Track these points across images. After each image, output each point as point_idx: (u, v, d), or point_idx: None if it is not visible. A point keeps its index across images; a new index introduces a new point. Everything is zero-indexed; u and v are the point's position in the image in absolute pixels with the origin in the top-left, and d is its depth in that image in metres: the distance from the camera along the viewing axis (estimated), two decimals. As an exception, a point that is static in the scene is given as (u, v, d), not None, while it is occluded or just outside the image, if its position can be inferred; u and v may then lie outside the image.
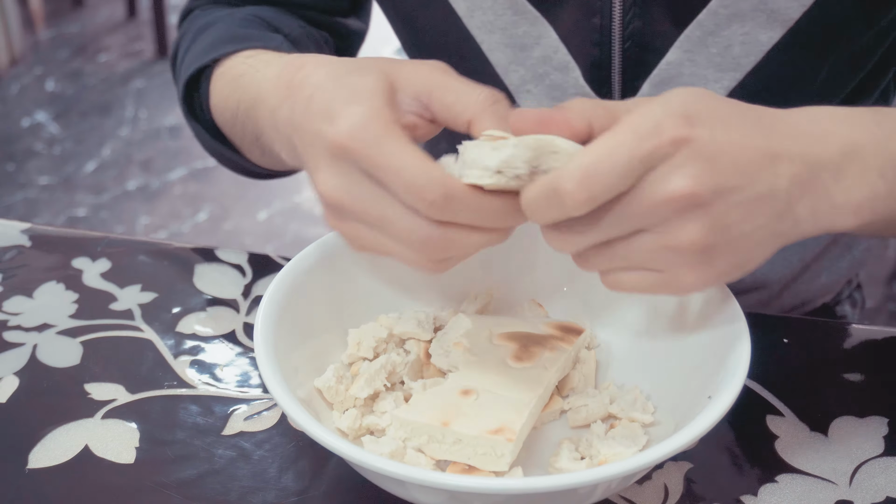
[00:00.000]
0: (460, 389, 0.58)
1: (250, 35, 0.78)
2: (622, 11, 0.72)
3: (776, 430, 0.64)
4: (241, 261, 0.81)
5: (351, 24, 0.89)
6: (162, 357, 0.71)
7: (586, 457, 0.58)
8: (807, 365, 0.70)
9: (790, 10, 0.70)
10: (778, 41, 0.71)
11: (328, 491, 0.60)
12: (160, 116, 3.12)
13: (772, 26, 0.71)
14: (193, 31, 0.83)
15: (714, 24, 0.72)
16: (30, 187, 2.75)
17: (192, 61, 0.79)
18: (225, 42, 0.77)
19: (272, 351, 0.57)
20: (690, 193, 0.49)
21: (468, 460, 0.55)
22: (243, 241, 2.51)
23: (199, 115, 0.82)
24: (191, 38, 0.83)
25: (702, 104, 0.50)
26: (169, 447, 0.63)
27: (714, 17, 0.71)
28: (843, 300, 0.97)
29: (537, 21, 0.75)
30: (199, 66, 0.78)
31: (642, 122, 0.49)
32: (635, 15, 0.72)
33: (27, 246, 0.84)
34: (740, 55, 0.73)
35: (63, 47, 3.61)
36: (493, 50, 0.77)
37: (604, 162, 0.48)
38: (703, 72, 0.74)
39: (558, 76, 0.77)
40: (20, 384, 0.69)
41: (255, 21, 0.81)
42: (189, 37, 0.83)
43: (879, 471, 0.61)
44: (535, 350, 0.61)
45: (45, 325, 0.75)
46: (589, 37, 0.74)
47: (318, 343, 0.64)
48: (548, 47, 0.76)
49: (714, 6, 0.71)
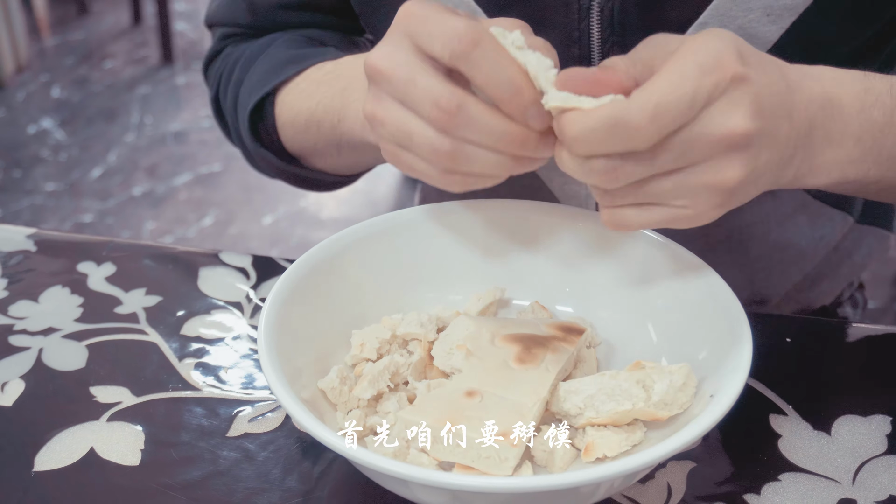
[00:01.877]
0: (464, 391, 0.58)
1: (307, 54, 0.80)
2: (600, 42, 0.73)
3: (779, 429, 0.64)
4: (245, 264, 0.82)
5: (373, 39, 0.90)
6: (167, 360, 0.72)
7: (575, 438, 0.58)
8: (809, 364, 0.70)
9: (769, 33, 0.70)
10: None
11: (332, 492, 0.61)
12: (165, 122, 3.12)
13: None
14: (241, 64, 0.84)
15: None
16: (36, 194, 2.76)
17: (252, 89, 0.81)
18: (285, 65, 0.79)
19: (276, 353, 0.58)
20: (745, 132, 0.51)
21: (472, 463, 0.55)
22: (249, 246, 2.52)
23: (264, 142, 0.83)
24: (240, 70, 0.84)
25: (745, 45, 0.53)
26: (174, 449, 0.64)
27: None
28: (844, 302, 0.97)
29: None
30: (266, 92, 0.79)
31: (705, 56, 0.51)
32: (614, 44, 0.73)
33: (32, 251, 0.84)
34: None
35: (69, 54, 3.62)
36: None
37: (673, 94, 0.50)
38: None
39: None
40: (26, 388, 0.69)
41: (303, 41, 0.83)
42: (236, 70, 0.85)
43: (882, 469, 0.61)
44: (538, 352, 0.61)
45: (50, 328, 0.75)
46: (568, 67, 0.75)
47: (322, 345, 0.64)
48: None
49: (692, 34, 0.71)
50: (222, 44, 0.90)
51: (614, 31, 0.72)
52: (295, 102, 0.78)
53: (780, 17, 0.69)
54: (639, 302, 0.66)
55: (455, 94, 0.54)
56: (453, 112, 0.54)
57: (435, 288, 0.70)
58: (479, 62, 0.53)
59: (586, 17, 0.72)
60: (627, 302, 0.67)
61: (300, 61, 0.79)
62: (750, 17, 0.69)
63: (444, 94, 0.54)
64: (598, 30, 0.72)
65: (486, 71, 0.54)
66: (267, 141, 0.83)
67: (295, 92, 0.79)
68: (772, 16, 0.69)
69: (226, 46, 0.89)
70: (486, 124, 0.54)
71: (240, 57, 0.85)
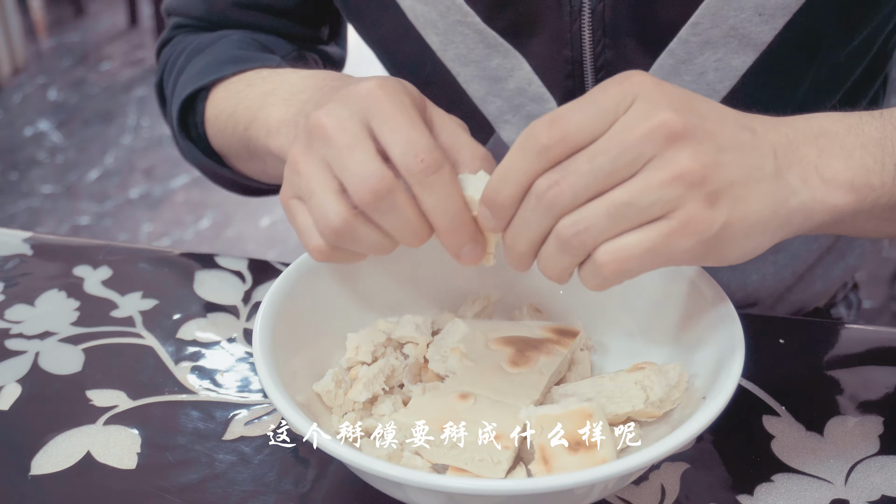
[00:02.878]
0: (458, 394, 0.58)
1: (251, 56, 0.79)
2: (592, 43, 0.73)
3: (772, 430, 0.64)
4: (241, 267, 0.82)
5: (331, 51, 0.91)
6: (163, 363, 0.72)
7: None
8: (802, 365, 0.71)
9: (762, 34, 0.70)
10: (751, 65, 0.72)
11: (328, 495, 0.61)
12: (162, 124, 3.13)
13: (744, 51, 0.71)
14: (185, 54, 0.84)
15: (686, 52, 0.72)
16: (33, 196, 2.76)
17: (189, 82, 0.80)
18: (226, 63, 0.79)
19: (271, 356, 0.58)
20: (674, 122, 0.48)
21: (465, 465, 0.55)
22: (245, 248, 2.52)
23: (192, 134, 0.83)
24: (183, 60, 0.84)
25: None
26: (170, 452, 0.64)
27: (685, 45, 0.71)
28: (839, 303, 0.97)
29: (509, 53, 0.75)
30: (199, 86, 0.79)
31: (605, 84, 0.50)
32: (605, 46, 0.73)
33: (29, 254, 0.85)
34: (715, 81, 0.73)
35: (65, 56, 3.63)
36: (469, 82, 0.78)
37: (572, 107, 0.49)
38: None
39: (534, 107, 0.77)
40: (22, 391, 0.69)
41: (252, 43, 0.83)
42: (180, 60, 0.85)
43: (875, 469, 0.61)
44: (531, 354, 0.61)
45: (46, 332, 0.75)
46: (562, 69, 0.75)
47: (317, 348, 0.64)
48: (522, 79, 0.76)
49: (684, 35, 0.71)
50: (174, 32, 0.90)
51: (606, 32, 0.72)
52: (222, 101, 0.78)
53: (773, 17, 0.69)
54: (632, 304, 0.67)
55: (387, 177, 0.53)
56: (381, 195, 0.53)
57: (429, 291, 0.70)
58: (431, 188, 0.53)
59: (578, 18, 0.72)
60: (620, 304, 0.67)
61: (241, 62, 0.78)
62: (742, 17, 0.69)
63: (377, 174, 0.53)
64: (589, 31, 0.72)
65: (434, 203, 0.54)
66: (194, 135, 0.83)
67: (226, 91, 0.78)
68: (764, 15, 0.69)
69: (177, 35, 0.90)
70: (406, 217, 0.54)
71: (186, 47, 0.85)
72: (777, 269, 0.86)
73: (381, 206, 0.54)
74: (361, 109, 0.55)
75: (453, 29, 0.75)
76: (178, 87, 0.82)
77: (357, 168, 0.54)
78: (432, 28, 0.76)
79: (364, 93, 0.55)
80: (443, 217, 0.54)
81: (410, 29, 0.77)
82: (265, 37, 0.85)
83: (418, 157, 0.53)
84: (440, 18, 0.75)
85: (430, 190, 0.53)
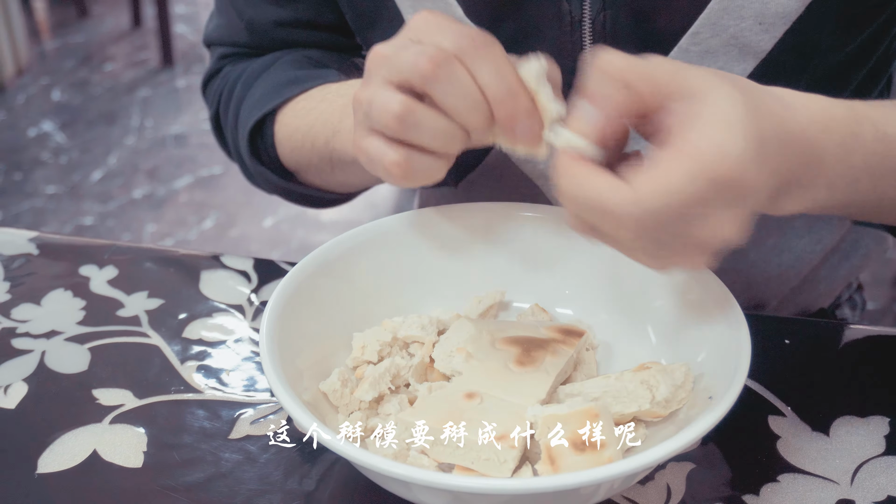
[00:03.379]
0: (464, 393, 0.58)
1: (310, 75, 0.80)
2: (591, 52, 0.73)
3: (777, 430, 0.64)
4: (247, 267, 0.82)
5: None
6: (169, 362, 0.72)
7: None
8: (808, 365, 0.71)
9: (762, 42, 0.70)
10: (751, 72, 0.72)
11: (333, 494, 0.61)
12: (166, 125, 3.13)
13: (744, 59, 0.71)
14: (242, 83, 0.85)
15: (686, 61, 0.72)
16: (37, 197, 2.76)
17: (254, 107, 0.81)
18: (287, 85, 0.80)
19: (277, 355, 0.58)
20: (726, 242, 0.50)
21: (471, 465, 0.55)
22: (249, 248, 2.52)
23: (263, 159, 0.84)
24: (241, 89, 0.84)
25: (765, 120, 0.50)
26: (176, 451, 0.64)
27: (685, 54, 0.71)
28: (843, 303, 0.97)
29: None
30: (267, 110, 0.80)
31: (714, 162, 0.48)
32: None
33: (35, 254, 0.85)
34: None
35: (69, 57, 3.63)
36: None
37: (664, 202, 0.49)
38: None
39: None
40: (29, 390, 0.70)
41: (306, 61, 0.84)
42: (237, 89, 0.85)
43: (880, 470, 0.61)
44: (537, 354, 0.61)
45: (52, 331, 0.75)
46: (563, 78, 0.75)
47: (323, 347, 0.64)
48: None
49: (685, 44, 0.71)
50: (221, 63, 0.90)
51: (606, 41, 0.72)
52: (293, 120, 0.79)
53: (773, 26, 0.69)
54: (638, 304, 0.67)
55: (443, 52, 0.55)
56: (440, 63, 0.55)
57: (435, 290, 0.70)
58: (485, 60, 0.55)
59: (578, 28, 0.72)
60: (626, 304, 0.67)
61: (302, 82, 0.80)
62: (742, 26, 0.69)
63: (431, 50, 0.55)
64: (590, 41, 0.72)
65: (488, 72, 0.55)
66: (265, 159, 0.84)
67: (295, 110, 0.79)
68: (764, 24, 0.69)
69: (224, 66, 0.90)
70: (464, 87, 0.55)
71: (240, 75, 0.86)
72: (782, 270, 0.86)
73: (440, 75, 0.55)
74: (410, 30, 0.58)
75: None
76: (241, 115, 0.83)
77: (412, 53, 0.56)
78: None
79: (409, 23, 0.58)
80: (498, 87, 0.55)
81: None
82: (316, 52, 0.86)
83: (470, 37, 0.55)
84: None
85: (483, 61, 0.55)
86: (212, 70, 0.91)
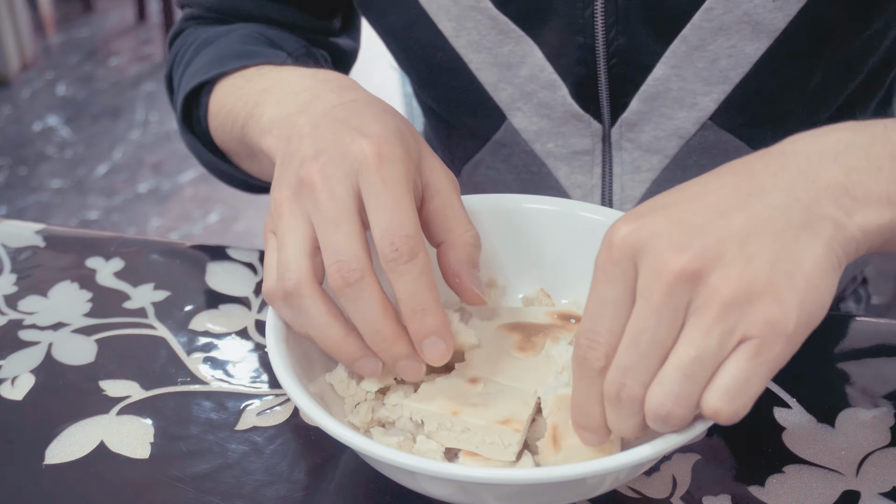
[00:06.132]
0: (468, 378, 0.59)
1: (258, 52, 0.78)
2: (605, 30, 0.73)
3: (783, 422, 0.65)
4: (253, 259, 0.82)
5: (343, 43, 0.90)
6: (175, 354, 0.72)
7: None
8: (813, 357, 0.70)
9: (775, 20, 0.70)
10: (765, 52, 0.72)
11: (340, 484, 0.61)
12: (170, 119, 3.13)
13: (758, 38, 0.71)
14: (194, 47, 0.84)
15: (699, 38, 0.72)
16: (42, 191, 2.77)
17: (194, 75, 0.80)
18: (230, 58, 0.78)
19: (284, 347, 0.58)
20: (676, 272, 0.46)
21: (476, 449, 0.55)
22: (254, 243, 2.53)
23: (195, 129, 0.83)
24: (191, 53, 0.83)
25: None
26: (183, 442, 0.64)
27: (698, 31, 0.71)
28: (848, 297, 0.97)
29: (522, 40, 0.75)
30: (203, 80, 0.78)
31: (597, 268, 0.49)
32: (618, 33, 0.73)
33: (41, 246, 0.85)
34: (728, 68, 0.73)
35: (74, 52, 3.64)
36: (481, 69, 0.78)
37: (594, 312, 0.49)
38: (690, 86, 0.75)
39: (546, 94, 0.77)
40: (36, 382, 0.70)
41: (259, 38, 0.82)
42: (188, 52, 0.84)
43: (886, 461, 0.62)
44: (538, 340, 0.62)
45: (59, 323, 0.76)
46: (574, 55, 0.75)
47: (329, 339, 0.64)
48: (534, 66, 0.76)
49: (697, 21, 0.71)
50: (186, 24, 0.90)
51: (619, 18, 0.72)
52: (224, 96, 0.77)
53: (787, 3, 0.69)
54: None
55: (361, 262, 0.54)
56: (350, 282, 0.54)
57: (440, 280, 0.70)
58: (401, 276, 0.54)
59: (590, 4, 0.72)
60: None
61: (245, 57, 0.77)
62: (755, 3, 0.69)
63: (352, 257, 0.54)
64: (602, 18, 0.72)
65: (402, 289, 0.54)
66: (198, 130, 0.82)
67: (228, 86, 0.77)
68: (777, 1, 0.69)
69: (188, 27, 0.89)
70: (372, 310, 0.54)
71: (196, 40, 0.85)
72: None
73: (350, 294, 0.54)
74: (354, 173, 0.55)
75: (466, 14, 0.75)
76: (183, 81, 0.82)
77: (337, 247, 0.54)
78: (445, 14, 0.76)
79: (360, 156, 0.55)
80: (408, 303, 0.54)
81: (422, 15, 0.77)
82: (275, 32, 0.84)
83: (394, 245, 0.53)
84: (453, 4, 0.75)
85: (400, 278, 0.54)
86: (176, 30, 0.90)
